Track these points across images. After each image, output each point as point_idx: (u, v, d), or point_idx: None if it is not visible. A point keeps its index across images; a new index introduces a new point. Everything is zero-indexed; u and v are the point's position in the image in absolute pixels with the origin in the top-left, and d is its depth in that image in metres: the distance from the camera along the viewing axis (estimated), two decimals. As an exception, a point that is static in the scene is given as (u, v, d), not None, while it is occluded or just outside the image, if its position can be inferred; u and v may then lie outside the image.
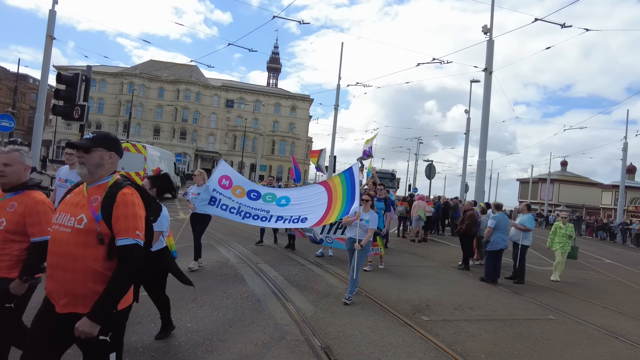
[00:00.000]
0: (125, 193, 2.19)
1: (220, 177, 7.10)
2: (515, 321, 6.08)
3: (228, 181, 7.12)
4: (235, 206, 6.97)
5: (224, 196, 6.96)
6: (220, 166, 7.37)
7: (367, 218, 6.21)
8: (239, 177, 7.43)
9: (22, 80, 55.89)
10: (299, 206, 6.99)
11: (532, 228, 9.30)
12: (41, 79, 16.58)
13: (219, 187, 7.01)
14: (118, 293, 2.11)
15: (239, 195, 7.05)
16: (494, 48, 14.83)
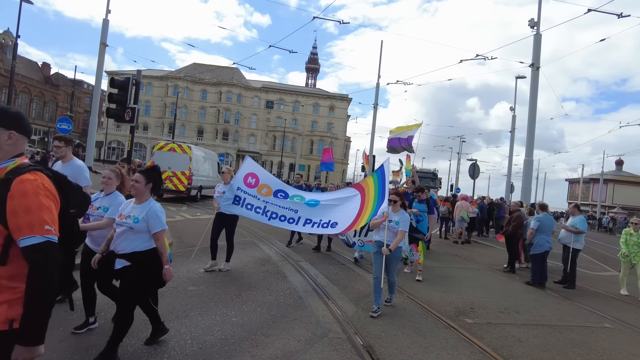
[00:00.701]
0: (25, 179, 1.71)
1: (246, 175, 6.63)
2: (566, 327, 5.81)
3: (254, 179, 6.62)
4: (261, 205, 6.47)
5: (249, 195, 6.49)
6: (246, 163, 6.83)
7: (397, 219, 5.50)
8: (266, 175, 6.88)
9: (78, 86, 59.45)
10: (329, 209, 6.44)
11: (585, 230, 8.82)
12: (95, 83, 17.59)
13: (244, 186, 6.54)
14: (39, 308, 1.68)
15: (266, 194, 6.57)
16: (542, 42, 14.20)
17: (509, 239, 9.91)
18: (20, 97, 58.03)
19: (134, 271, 3.45)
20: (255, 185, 6.59)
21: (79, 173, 4.60)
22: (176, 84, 66.71)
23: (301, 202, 6.52)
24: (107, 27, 17.02)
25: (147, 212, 3.48)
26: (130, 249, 3.46)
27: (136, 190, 3.55)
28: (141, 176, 3.56)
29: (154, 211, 3.51)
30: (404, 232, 5.47)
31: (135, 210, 3.53)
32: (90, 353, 3.50)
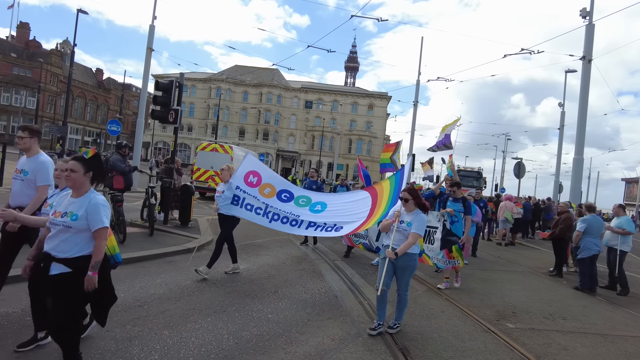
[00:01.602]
0: None
1: (247, 173, 6.05)
2: (619, 337, 5.44)
3: (256, 178, 6.05)
4: (262, 207, 5.91)
5: (248, 195, 5.94)
6: (247, 160, 6.19)
7: (409, 220, 4.60)
8: (269, 174, 6.28)
9: (127, 90, 62.54)
10: (335, 213, 5.80)
11: (633, 231, 8.22)
12: (142, 86, 18.40)
13: (245, 185, 5.98)
14: None
15: (268, 194, 6.00)
16: (594, 33, 13.36)
17: (557, 241, 9.44)
18: (76, 101, 61.80)
19: (73, 283, 2.83)
20: (257, 185, 6.04)
21: (40, 169, 4.00)
22: (219, 85, 68.58)
23: (305, 206, 5.94)
24: (153, 33, 17.76)
25: (86, 207, 2.90)
26: (72, 253, 2.86)
27: (73, 182, 2.93)
28: (78, 164, 2.93)
29: (94, 205, 2.92)
30: (417, 236, 4.49)
31: (72, 205, 2.93)
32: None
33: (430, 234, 7.08)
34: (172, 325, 4.20)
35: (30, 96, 53.22)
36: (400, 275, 4.68)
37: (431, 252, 7.03)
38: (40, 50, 59.15)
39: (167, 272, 6.23)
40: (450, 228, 6.90)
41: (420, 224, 4.55)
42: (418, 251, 4.72)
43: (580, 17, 13.36)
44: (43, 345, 3.44)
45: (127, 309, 4.52)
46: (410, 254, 4.56)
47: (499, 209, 14.22)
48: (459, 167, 30.35)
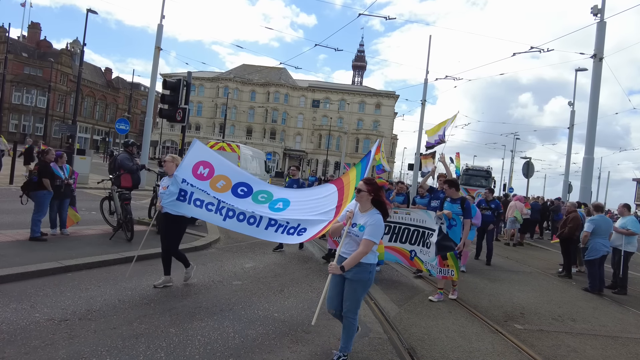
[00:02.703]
0: None
1: (196, 164, 5.19)
2: (630, 340, 5.36)
3: (207, 169, 5.19)
4: (214, 202, 5.06)
5: (197, 189, 5.08)
6: (194, 148, 5.29)
7: (362, 222, 3.58)
8: (223, 164, 5.35)
9: (135, 89, 63.02)
10: (298, 212, 4.85)
11: (638, 232, 8.09)
12: (150, 85, 18.52)
13: (193, 178, 5.13)
14: None
15: (221, 189, 5.12)
16: (605, 31, 13.17)
17: (565, 241, 9.32)
18: (86, 100, 62.42)
19: None
20: (209, 177, 5.18)
21: None
22: (226, 85, 68.80)
23: (265, 203, 5.05)
24: (161, 32, 17.85)
25: None
26: None
27: None
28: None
29: None
30: (369, 243, 3.47)
31: None
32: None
33: (426, 236, 6.54)
34: (179, 323, 4.21)
35: (41, 95, 53.86)
36: (349, 291, 3.61)
37: (426, 256, 6.51)
38: (51, 50, 59.82)
39: (174, 270, 6.21)
40: (448, 232, 6.12)
41: (374, 229, 3.50)
42: (374, 261, 3.67)
43: (592, 14, 13.18)
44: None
45: (134, 306, 4.54)
46: (363, 265, 3.53)
47: (508, 208, 14.10)
48: (466, 165, 29.99)
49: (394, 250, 6.91)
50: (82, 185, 14.50)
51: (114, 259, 6.28)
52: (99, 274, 5.58)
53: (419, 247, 6.64)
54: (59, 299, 4.49)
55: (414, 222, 6.72)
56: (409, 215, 6.80)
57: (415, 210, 6.97)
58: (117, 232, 7.74)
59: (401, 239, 6.84)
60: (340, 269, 3.48)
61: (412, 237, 6.73)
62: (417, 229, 6.69)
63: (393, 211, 6.82)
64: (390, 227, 6.85)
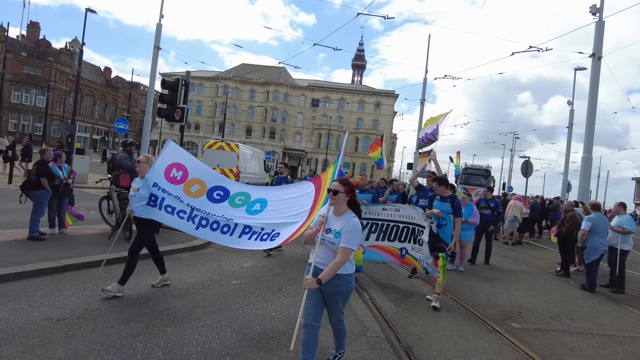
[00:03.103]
0: None
1: (169, 167, 4.83)
2: (627, 338, 5.38)
3: (181, 172, 4.82)
4: (186, 210, 4.69)
5: (168, 194, 4.72)
6: (167, 149, 4.93)
7: (338, 227, 3.21)
8: (198, 167, 5.01)
9: (135, 88, 62.96)
10: (275, 213, 4.52)
11: (634, 230, 8.13)
12: (149, 85, 18.49)
13: (165, 181, 4.76)
14: None
15: (195, 194, 4.77)
16: (604, 30, 13.18)
17: (563, 240, 9.34)
18: (85, 100, 62.37)
19: None
20: (182, 181, 4.81)
21: None
22: (226, 84, 68.77)
23: (242, 206, 4.69)
24: (160, 31, 17.81)
25: None
26: None
27: None
28: None
29: None
30: (347, 251, 3.11)
31: None
32: (138, 340, 3.71)
33: (417, 233, 6.21)
34: (176, 322, 4.22)
35: (40, 95, 53.81)
36: (331, 305, 3.33)
37: (419, 253, 6.19)
38: (50, 49, 59.76)
39: (172, 269, 6.25)
40: (438, 232, 5.84)
41: (352, 234, 3.14)
42: (352, 270, 3.35)
43: (590, 13, 13.18)
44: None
45: (132, 305, 4.56)
46: (341, 277, 3.20)
47: (508, 207, 14.11)
48: (465, 164, 29.98)
49: (382, 249, 6.56)
50: (81, 184, 14.51)
51: (112, 258, 6.27)
52: (97, 273, 5.57)
53: (410, 245, 6.34)
54: (57, 298, 4.50)
55: (403, 219, 6.41)
56: (398, 212, 6.48)
57: (404, 207, 6.66)
58: (115, 232, 7.74)
59: (389, 237, 6.49)
60: (317, 283, 3.07)
61: (402, 235, 6.41)
62: (407, 225, 6.37)
63: (382, 208, 6.63)
64: (378, 224, 6.56)
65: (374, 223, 6.56)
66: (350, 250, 3.16)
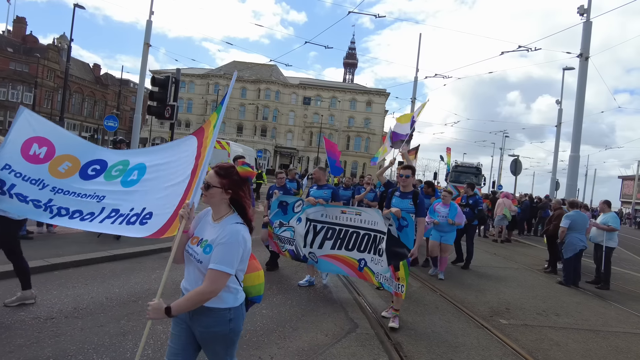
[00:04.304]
0: None
1: (27, 142, 3.65)
2: (611, 333, 5.49)
3: (45, 148, 3.68)
4: (41, 198, 3.50)
5: (23, 180, 3.55)
6: (22, 120, 3.70)
7: (210, 238, 2.16)
8: (68, 140, 3.82)
9: (125, 85, 62.33)
10: (151, 185, 3.41)
11: (618, 228, 8.34)
12: (139, 82, 18.35)
13: (22, 160, 3.62)
14: None
15: (65, 173, 3.68)
16: (592, 31, 13.38)
17: (551, 238, 9.50)
18: (74, 97, 61.56)
19: None
20: (47, 159, 3.68)
21: None
22: (217, 81, 68.39)
23: (118, 177, 3.61)
24: (150, 28, 17.68)
25: None
26: None
27: None
28: None
29: None
30: (220, 277, 2.05)
31: None
32: (127, 338, 3.69)
33: (378, 241, 5.08)
34: (166, 321, 4.17)
35: (27, 91, 53.01)
36: (208, 354, 2.25)
37: (378, 266, 5.07)
38: (37, 45, 58.82)
39: (163, 267, 6.22)
40: (398, 236, 4.77)
41: (226, 250, 2.06)
42: (234, 303, 2.17)
43: (578, 14, 13.37)
44: None
45: (122, 304, 4.54)
46: (215, 312, 2.13)
47: (497, 206, 14.27)
48: (456, 161, 30.10)
49: (339, 260, 5.51)
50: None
51: (101, 257, 6.24)
52: (86, 272, 5.55)
53: (369, 255, 5.18)
54: (45, 297, 4.47)
55: (365, 225, 5.29)
56: (359, 216, 5.37)
57: (367, 210, 5.54)
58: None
59: (348, 245, 5.42)
60: (165, 312, 2.00)
61: (362, 243, 5.30)
62: (368, 232, 5.23)
63: (340, 210, 5.61)
64: (335, 230, 5.55)
65: (330, 228, 5.59)
66: (225, 275, 2.02)
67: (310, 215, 5.84)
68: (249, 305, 2.45)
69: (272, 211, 6.24)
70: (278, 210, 6.19)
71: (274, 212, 6.22)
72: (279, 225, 6.15)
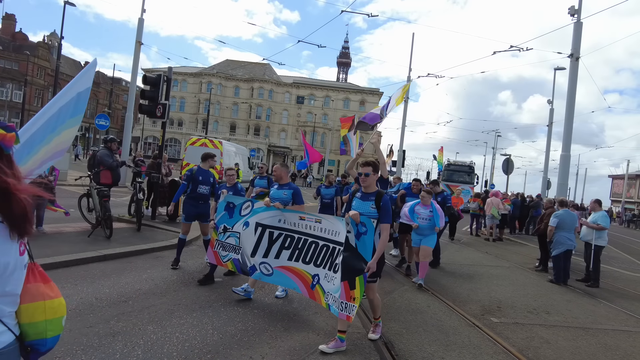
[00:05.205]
0: None
1: None
2: (600, 331, 5.55)
3: None
4: None
5: None
6: None
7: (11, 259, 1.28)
8: None
9: (116, 84, 61.74)
10: None
11: (608, 227, 8.44)
12: (131, 80, 18.22)
13: None
14: None
15: None
16: (582, 31, 13.50)
17: (542, 236, 9.58)
18: (64, 95, 60.91)
19: None
20: None
21: None
22: (210, 80, 68.03)
23: None
24: (142, 26, 17.57)
25: None
26: None
27: None
28: None
29: None
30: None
31: None
32: (117, 339, 3.67)
33: (336, 254, 4.24)
34: (157, 321, 4.18)
35: (17, 89, 52.36)
36: None
37: (330, 284, 4.23)
38: (27, 42, 58.11)
39: (154, 267, 6.20)
40: (356, 245, 4.04)
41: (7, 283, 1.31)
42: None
43: (569, 15, 13.48)
44: None
45: (112, 304, 4.49)
46: None
47: (486, 205, 14.36)
48: (448, 160, 30.13)
49: (294, 273, 4.69)
50: (60, 181, 14.19)
51: (91, 257, 6.18)
52: (76, 272, 5.49)
53: (324, 271, 4.36)
54: (34, 298, 4.40)
55: (324, 235, 4.45)
56: (319, 224, 4.52)
57: (329, 218, 4.60)
58: (95, 230, 7.62)
59: (305, 257, 4.60)
60: None
61: (320, 256, 4.47)
62: (327, 243, 4.40)
63: (299, 217, 4.77)
64: (294, 239, 4.76)
65: (288, 235, 4.81)
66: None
67: (265, 220, 4.98)
68: (33, 355, 1.49)
69: (218, 214, 5.40)
70: (225, 213, 5.35)
71: (220, 215, 5.37)
72: (224, 230, 5.30)
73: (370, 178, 4.21)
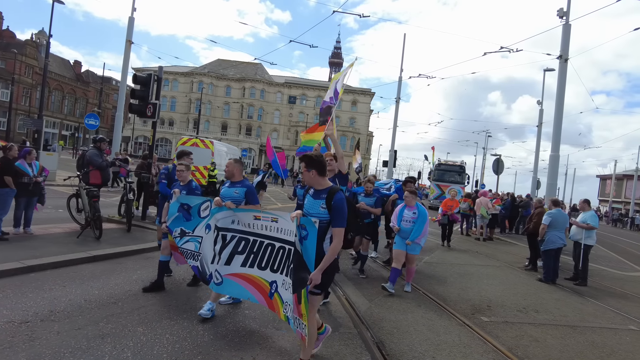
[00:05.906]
0: None
1: None
2: (587, 329, 5.62)
3: None
4: None
5: None
6: None
7: None
8: None
9: (106, 83, 61.06)
10: None
11: (597, 226, 8.58)
12: (121, 80, 18.02)
13: None
14: None
15: None
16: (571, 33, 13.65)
17: (532, 236, 9.68)
18: (53, 94, 60.11)
19: None
20: None
21: None
22: (201, 79, 67.64)
23: None
24: (132, 25, 17.37)
25: None
26: None
27: None
28: None
29: None
30: None
31: None
32: (106, 341, 3.63)
33: (292, 257, 3.57)
34: (147, 322, 4.15)
35: (4, 88, 51.52)
36: None
37: (287, 292, 3.57)
38: (15, 40, 57.23)
39: (144, 268, 6.15)
40: (301, 250, 3.46)
41: None
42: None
43: (558, 16, 13.62)
44: None
45: (101, 306, 4.45)
46: None
47: (476, 205, 14.48)
48: (439, 160, 30.13)
49: (248, 280, 4.09)
50: (49, 181, 14.01)
51: (80, 258, 6.11)
52: (64, 274, 5.43)
53: (281, 277, 3.74)
54: (20, 300, 4.35)
55: (280, 235, 3.82)
56: (276, 224, 3.88)
57: (285, 216, 3.75)
58: (84, 230, 7.53)
59: (261, 262, 3.99)
60: None
61: (276, 260, 3.84)
62: (283, 245, 3.78)
63: (253, 216, 4.12)
64: (248, 241, 4.14)
65: (242, 238, 4.21)
66: None
67: (218, 222, 4.42)
68: None
69: (171, 216, 4.86)
70: (178, 214, 4.83)
71: (173, 217, 4.84)
72: (180, 234, 4.78)
73: (309, 175, 3.50)
